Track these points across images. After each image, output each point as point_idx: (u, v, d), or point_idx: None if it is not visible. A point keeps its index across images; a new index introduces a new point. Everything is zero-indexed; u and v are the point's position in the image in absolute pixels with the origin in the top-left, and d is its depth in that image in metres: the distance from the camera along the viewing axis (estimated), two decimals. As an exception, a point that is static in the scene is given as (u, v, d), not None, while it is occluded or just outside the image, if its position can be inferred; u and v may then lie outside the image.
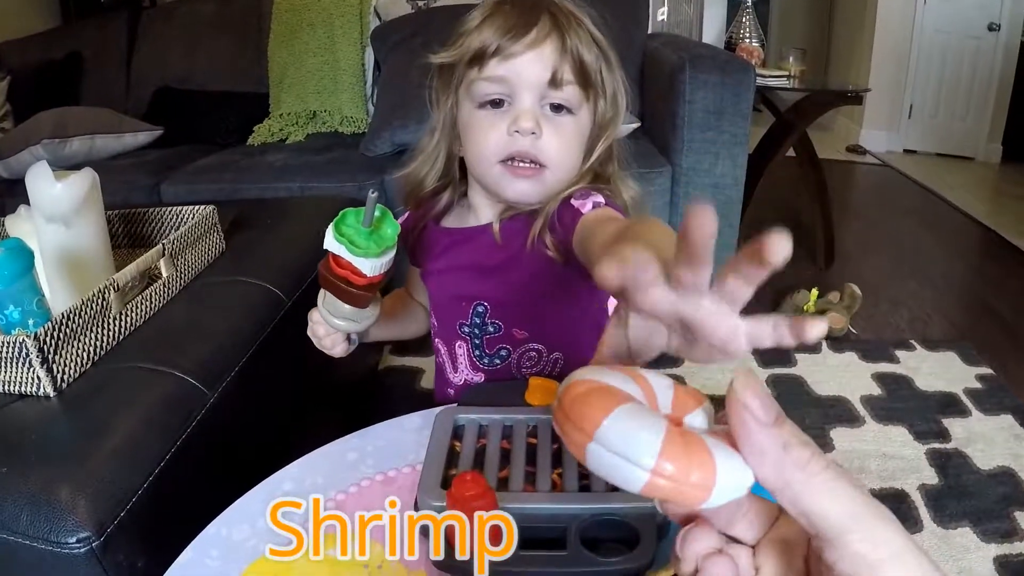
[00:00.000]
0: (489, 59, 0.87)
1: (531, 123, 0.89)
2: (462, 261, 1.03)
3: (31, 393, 1.12)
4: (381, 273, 0.80)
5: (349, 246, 0.75)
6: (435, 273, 1.07)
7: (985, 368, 2.32)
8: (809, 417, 2.05)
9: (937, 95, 5.30)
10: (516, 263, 0.98)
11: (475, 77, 0.90)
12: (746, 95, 2.10)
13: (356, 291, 0.80)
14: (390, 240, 0.78)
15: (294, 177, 2.39)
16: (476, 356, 1.06)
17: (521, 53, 0.86)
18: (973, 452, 1.91)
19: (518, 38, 0.85)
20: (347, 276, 0.79)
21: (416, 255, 1.11)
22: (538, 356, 1.05)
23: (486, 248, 1.00)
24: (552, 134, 0.91)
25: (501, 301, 1.02)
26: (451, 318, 1.06)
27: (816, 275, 3.08)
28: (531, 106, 0.89)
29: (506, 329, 1.03)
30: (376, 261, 0.77)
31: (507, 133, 0.90)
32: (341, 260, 0.78)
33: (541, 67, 0.87)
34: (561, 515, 0.71)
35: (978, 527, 1.66)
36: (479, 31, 0.88)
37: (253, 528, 0.79)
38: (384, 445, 0.92)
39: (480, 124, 0.92)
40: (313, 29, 2.88)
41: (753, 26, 3.47)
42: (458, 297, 1.04)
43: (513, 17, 0.86)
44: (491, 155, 0.92)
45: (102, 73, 3.29)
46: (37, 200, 1.30)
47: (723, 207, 2.22)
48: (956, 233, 3.80)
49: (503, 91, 0.90)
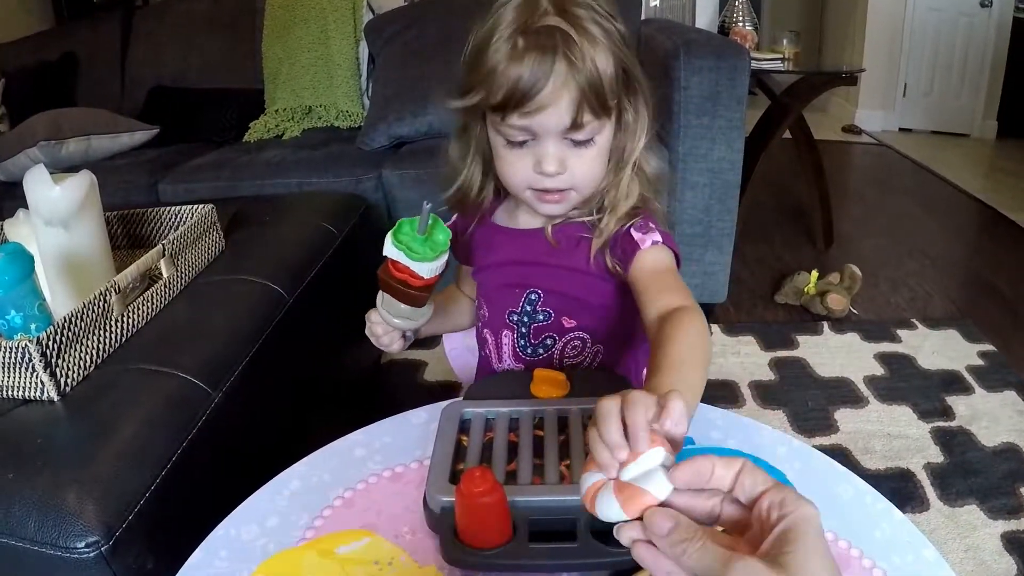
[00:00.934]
0: (510, 113, 0.88)
1: (554, 166, 0.92)
2: (517, 256, 1.06)
3: (35, 398, 1.12)
4: (436, 275, 0.87)
5: (408, 252, 0.84)
6: (490, 267, 1.10)
7: (987, 345, 2.32)
8: (812, 399, 2.05)
9: (931, 73, 5.29)
10: (570, 260, 1.02)
11: (499, 122, 0.92)
12: (741, 79, 2.09)
13: (414, 292, 0.88)
14: (443, 245, 0.86)
15: (291, 173, 2.38)
16: (520, 346, 1.09)
17: (539, 110, 0.87)
18: (977, 429, 1.91)
19: (534, 95, 0.85)
20: (405, 279, 0.86)
21: (466, 254, 1.15)
22: (582, 345, 1.08)
23: (541, 247, 1.04)
24: (576, 164, 0.93)
25: (554, 290, 1.05)
26: (501, 306, 1.09)
27: (816, 256, 3.08)
28: (554, 149, 0.91)
29: (556, 318, 1.06)
30: (432, 264, 0.85)
31: (533, 170, 0.93)
32: (399, 265, 0.86)
33: (559, 118, 0.88)
34: (570, 507, 0.71)
35: (984, 504, 1.66)
36: (496, 81, 0.87)
37: (262, 528, 0.79)
38: (391, 441, 0.93)
39: (508, 159, 0.95)
40: (306, 24, 2.87)
41: (746, 9, 3.45)
42: (511, 285, 1.07)
43: (528, 67, 0.85)
44: (521, 186, 0.96)
45: (96, 73, 3.27)
46: (36, 204, 1.29)
47: (721, 191, 2.22)
48: (953, 210, 3.79)
49: (526, 136, 0.92)
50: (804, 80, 3.01)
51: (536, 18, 0.86)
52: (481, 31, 0.91)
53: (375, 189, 2.32)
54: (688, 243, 2.28)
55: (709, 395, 2.13)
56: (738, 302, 2.65)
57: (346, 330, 1.82)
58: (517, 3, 0.88)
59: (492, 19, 0.89)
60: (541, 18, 0.86)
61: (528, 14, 0.86)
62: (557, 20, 0.85)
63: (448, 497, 0.72)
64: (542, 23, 0.85)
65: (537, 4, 0.87)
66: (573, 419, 0.85)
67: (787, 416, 1.98)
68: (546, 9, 0.86)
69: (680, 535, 0.51)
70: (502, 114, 0.89)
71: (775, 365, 2.24)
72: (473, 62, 0.91)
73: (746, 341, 2.37)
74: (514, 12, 0.87)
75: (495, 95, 0.87)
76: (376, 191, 2.33)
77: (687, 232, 2.27)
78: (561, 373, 0.91)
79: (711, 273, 2.33)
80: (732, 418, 0.94)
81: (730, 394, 2.09)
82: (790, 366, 2.24)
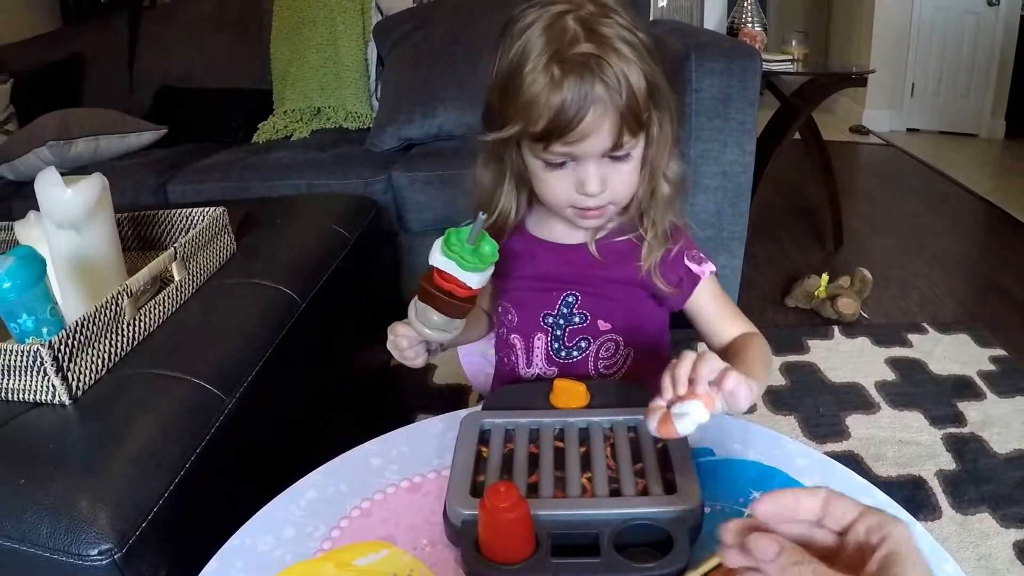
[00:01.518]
0: (552, 142, 0.88)
1: (597, 187, 0.92)
2: (561, 272, 1.07)
3: (46, 401, 1.12)
4: (482, 286, 0.88)
5: (460, 261, 0.84)
6: (530, 278, 1.09)
7: (998, 349, 2.30)
8: (823, 405, 2.04)
9: (939, 73, 5.28)
10: (616, 273, 1.04)
11: (538, 149, 0.91)
12: (753, 82, 2.08)
13: (459, 303, 0.88)
14: (492, 256, 0.87)
15: (300, 174, 2.37)
16: (553, 349, 1.09)
17: (582, 139, 0.87)
18: (990, 436, 1.90)
19: (576, 124, 0.85)
20: (452, 289, 0.86)
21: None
22: (615, 347, 1.08)
23: (586, 261, 1.04)
24: (615, 180, 0.93)
25: (592, 292, 1.06)
26: (536, 309, 1.09)
27: (825, 258, 3.07)
28: (595, 170, 0.91)
29: (592, 321, 1.07)
30: (482, 275, 0.86)
31: (575, 190, 0.93)
32: (446, 275, 0.86)
33: (601, 142, 0.88)
34: (593, 521, 0.71)
35: (996, 512, 1.64)
36: (536, 111, 0.86)
37: (277, 539, 0.79)
38: (408, 450, 0.92)
39: (549, 181, 0.95)
40: (315, 25, 2.86)
41: (755, 10, 3.45)
42: (548, 288, 1.07)
43: (568, 97, 0.84)
44: (562, 205, 0.97)
45: (104, 73, 3.27)
46: (47, 206, 1.29)
47: (732, 194, 2.20)
48: (962, 211, 3.78)
49: (567, 159, 0.92)
50: (814, 81, 3.00)
51: (568, 44, 0.85)
52: (508, 57, 0.90)
53: (384, 191, 2.32)
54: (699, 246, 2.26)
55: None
56: (749, 306, 2.63)
57: (357, 333, 1.83)
58: (543, 26, 0.87)
59: (518, 45, 0.88)
60: (573, 44, 0.85)
61: (559, 40, 0.85)
62: (590, 46, 0.85)
63: (470, 510, 0.71)
64: (577, 51, 0.84)
65: (565, 27, 0.86)
66: (594, 431, 0.85)
67: (798, 422, 1.97)
68: (576, 32, 0.86)
69: (789, 558, 0.51)
70: (544, 144, 0.89)
71: (786, 370, 2.23)
72: (507, 92, 0.90)
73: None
74: (544, 38, 0.87)
75: (534, 125, 0.87)
76: (385, 193, 2.32)
77: (698, 236, 2.23)
78: (581, 384, 0.90)
79: (722, 276, 2.30)
80: (751, 429, 0.93)
81: (741, 399, 2.08)
82: (801, 371, 2.23)
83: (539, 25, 0.87)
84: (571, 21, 0.86)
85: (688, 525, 0.71)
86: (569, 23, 0.86)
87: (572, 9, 0.88)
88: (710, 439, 0.90)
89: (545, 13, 0.88)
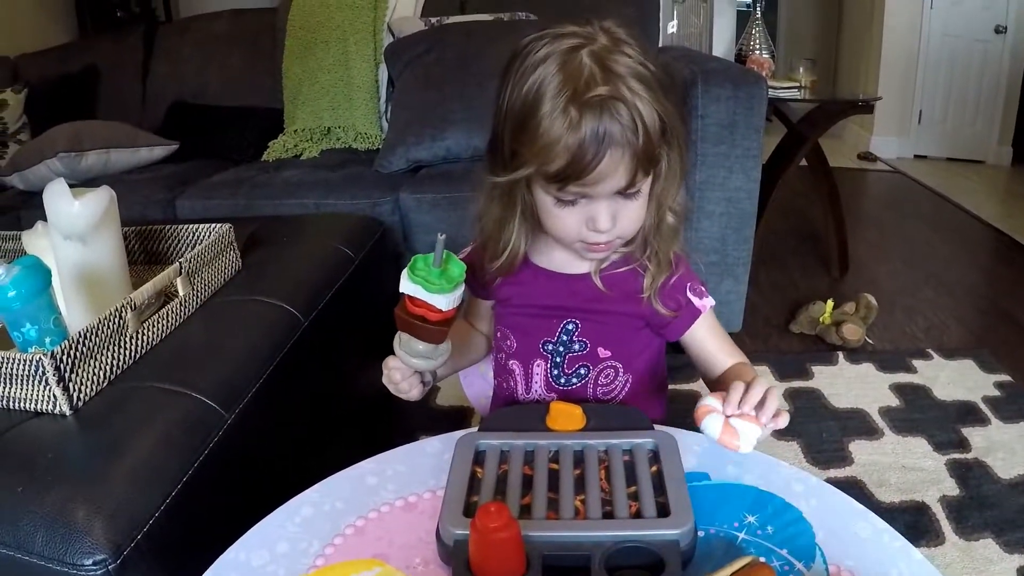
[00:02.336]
0: (566, 184, 0.88)
1: (608, 224, 0.92)
2: (564, 301, 1.06)
3: (47, 411, 1.12)
4: (455, 307, 0.87)
5: (425, 284, 0.84)
6: (531, 307, 1.09)
7: (1003, 375, 2.30)
8: (827, 430, 2.04)
9: (946, 99, 5.29)
10: (620, 306, 1.05)
11: (551, 188, 0.91)
12: (759, 108, 2.09)
13: (432, 327, 0.88)
14: (459, 277, 0.86)
15: (309, 193, 2.38)
16: (553, 376, 1.09)
17: (597, 182, 0.87)
18: (993, 461, 1.89)
19: (593, 168, 0.85)
20: (423, 314, 0.87)
21: (486, 288, 1.12)
22: (614, 374, 1.09)
23: (590, 292, 1.04)
24: (624, 216, 0.93)
25: (593, 321, 1.06)
26: (536, 335, 1.09)
27: (831, 284, 3.07)
28: (606, 207, 0.91)
29: (591, 348, 1.07)
30: (450, 296, 0.86)
31: (585, 227, 0.93)
32: (416, 300, 0.86)
33: (615, 183, 0.88)
34: (585, 542, 0.71)
35: (1000, 538, 1.63)
36: (552, 154, 0.85)
37: (272, 553, 0.79)
38: (404, 470, 0.92)
39: (559, 216, 0.94)
40: (327, 46, 2.89)
41: (763, 37, 3.46)
42: (548, 315, 1.07)
43: (585, 142, 0.83)
44: (572, 240, 0.96)
45: (118, 87, 3.30)
46: (55, 218, 1.30)
47: (737, 220, 2.21)
48: (969, 237, 3.78)
49: (579, 197, 0.91)
50: (821, 108, 3.00)
51: (585, 84, 0.84)
52: (521, 93, 0.88)
53: (392, 212, 2.32)
54: (703, 272, 2.27)
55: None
56: (753, 331, 2.63)
57: (360, 354, 1.83)
58: (558, 63, 0.86)
59: (532, 81, 0.87)
60: (590, 85, 0.83)
61: (576, 80, 0.84)
62: (606, 89, 0.83)
63: (462, 530, 0.72)
64: (594, 93, 0.83)
65: (581, 65, 0.85)
66: (589, 453, 0.85)
67: (801, 447, 1.96)
68: (592, 72, 0.84)
69: None
70: (558, 185, 0.88)
71: (790, 395, 2.22)
72: (521, 132, 0.88)
73: (761, 371, 2.35)
74: (559, 77, 0.85)
75: (549, 166, 0.86)
76: (393, 214, 2.33)
77: (703, 261, 2.26)
78: (578, 407, 0.91)
79: (727, 302, 2.32)
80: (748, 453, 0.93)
81: (743, 424, 2.07)
82: (805, 396, 2.22)
83: (554, 62, 0.86)
84: (586, 58, 0.85)
85: (681, 549, 0.71)
86: (584, 60, 0.85)
87: (585, 43, 0.86)
88: (706, 463, 0.90)
89: (559, 48, 0.86)
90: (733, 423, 0.81)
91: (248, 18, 3.30)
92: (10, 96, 3.04)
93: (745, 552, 0.75)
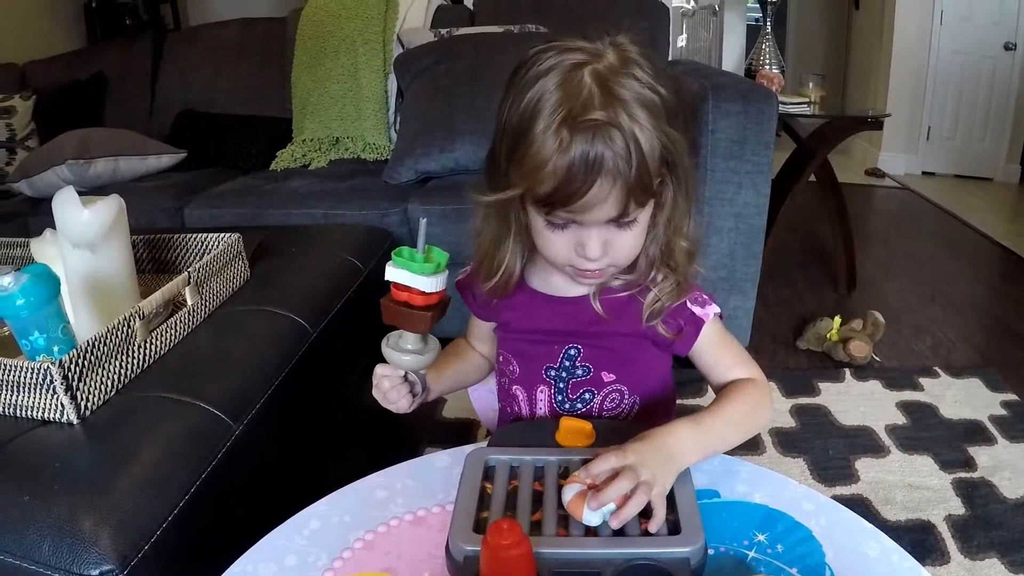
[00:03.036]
0: (555, 208, 0.85)
1: (598, 252, 0.89)
2: (562, 326, 1.04)
3: (54, 420, 1.12)
4: (439, 291, 0.86)
5: (410, 266, 0.84)
6: (529, 331, 1.07)
7: (1010, 394, 2.29)
8: (833, 448, 2.03)
9: (955, 116, 5.30)
10: (618, 327, 1.01)
11: (542, 212, 0.88)
12: (769, 124, 2.08)
13: (417, 312, 0.87)
14: (443, 260, 0.86)
15: (317, 204, 2.39)
16: (557, 401, 1.06)
17: (585, 210, 0.84)
18: (1000, 481, 1.88)
19: (582, 195, 0.82)
20: (409, 299, 0.86)
21: (488, 311, 1.11)
22: (620, 397, 1.06)
23: (588, 316, 1.01)
24: (617, 245, 0.90)
25: (594, 345, 1.03)
26: (538, 361, 1.06)
27: (838, 301, 3.06)
28: (597, 235, 0.88)
29: (595, 373, 1.04)
30: (433, 278, 0.85)
31: (576, 253, 0.90)
32: (401, 285, 0.86)
33: (606, 212, 0.84)
34: (595, 560, 0.71)
35: (1006, 558, 1.62)
36: (541, 176, 0.82)
37: (280, 566, 0.79)
38: (413, 484, 0.92)
39: (550, 238, 0.91)
40: (336, 56, 2.90)
41: (773, 52, 3.46)
42: (549, 341, 1.05)
43: (575, 167, 0.80)
44: (562, 263, 0.94)
45: (126, 94, 3.31)
46: (64, 226, 1.30)
47: (746, 235, 2.21)
48: (977, 255, 3.77)
49: (570, 223, 0.88)
50: (830, 124, 3.00)
51: (581, 106, 0.80)
52: (519, 108, 0.84)
53: (400, 223, 2.32)
54: (712, 287, 2.27)
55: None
56: (760, 347, 2.62)
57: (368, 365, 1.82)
58: (559, 79, 0.82)
59: (531, 96, 0.83)
60: (587, 107, 0.80)
61: (573, 100, 0.80)
62: (602, 114, 0.79)
63: (472, 546, 0.71)
64: (589, 116, 0.79)
65: (581, 84, 0.81)
66: (599, 470, 0.84)
67: (807, 464, 1.96)
68: (591, 92, 0.81)
69: None
70: (547, 209, 0.86)
71: (796, 412, 2.22)
72: (514, 151, 0.85)
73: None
74: (557, 96, 0.81)
75: (538, 189, 0.83)
76: (401, 225, 2.33)
77: (711, 276, 2.26)
78: (588, 423, 0.90)
79: (734, 318, 2.32)
80: (758, 471, 0.92)
81: (751, 441, 2.06)
82: (811, 413, 2.21)
83: (555, 77, 0.82)
84: (588, 77, 0.81)
85: (691, 567, 0.70)
86: (586, 79, 0.81)
87: (591, 60, 0.83)
88: (716, 481, 0.90)
89: (563, 62, 0.83)
90: (590, 499, 0.76)
91: (257, 27, 3.31)
92: (18, 103, 3.05)
93: (755, 571, 0.75)
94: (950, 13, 5.06)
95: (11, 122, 3.01)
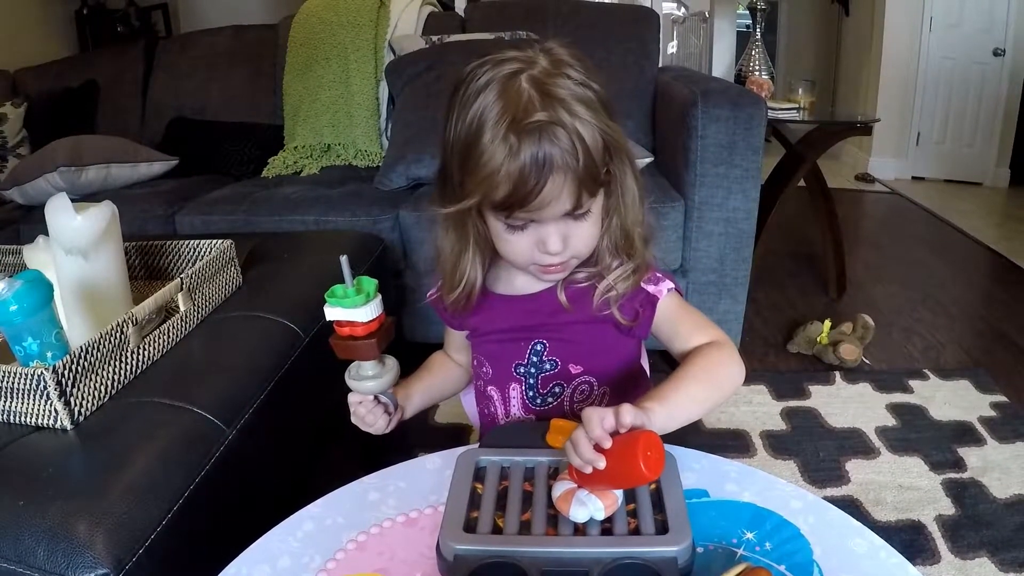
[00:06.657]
0: (512, 211, 0.88)
1: (558, 246, 0.92)
2: (524, 321, 1.06)
3: (48, 426, 1.13)
4: (376, 317, 0.89)
5: (341, 303, 0.87)
6: (494, 333, 1.09)
7: (999, 396, 2.30)
8: (824, 450, 2.04)
9: (944, 121, 5.33)
10: (576, 315, 1.03)
11: (500, 216, 0.91)
12: (758, 129, 2.10)
13: (363, 342, 0.89)
14: (372, 288, 0.89)
15: (309, 210, 2.39)
16: (529, 397, 1.09)
17: (541, 208, 0.87)
18: (989, 481, 1.89)
19: (536, 195, 0.85)
20: (352, 332, 0.89)
21: (459, 320, 1.13)
22: (590, 389, 1.08)
23: (548, 308, 1.04)
24: (576, 236, 0.94)
25: (559, 339, 1.06)
26: (507, 360, 1.09)
27: (828, 304, 3.08)
28: (556, 229, 0.92)
29: (562, 365, 1.07)
30: (367, 307, 0.87)
31: (537, 249, 0.93)
32: (341, 322, 0.88)
33: (561, 206, 0.88)
34: (584, 559, 0.71)
35: (996, 557, 1.64)
36: (494, 182, 0.85)
37: (273, 568, 0.79)
38: (405, 486, 0.93)
39: (510, 241, 0.94)
40: (328, 63, 2.90)
41: (762, 58, 3.48)
42: (516, 339, 1.07)
43: (526, 169, 0.83)
44: (525, 263, 0.97)
45: (118, 102, 3.31)
46: (57, 232, 1.31)
47: (735, 241, 2.22)
48: (967, 259, 3.79)
49: (528, 222, 0.92)
50: (819, 129, 3.02)
51: (523, 111, 0.84)
52: (464, 123, 0.88)
53: (392, 229, 2.33)
54: (702, 292, 2.28)
55: (720, 444, 2.08)
56: (750, 351, 2.64)
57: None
58: (498, 90, 0.86)
59: (474, 110, 0.86)
60: (529, 111, 0.84)
61: (514, 107, 0.84)
62: (544, 115, 0.83)
63: (462, 545, 0.72)
64: (532, 119, 0.83)
65: (520, 91, 0.85)
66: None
67: (798, 466, 1.97)
68: (530, 97, 0.85)
69: None
70: (505, 213, 0.89)
71: (787, 415, 2.23)
72: (465, 163, 0.88)
73: (758, 390, 2.36)
74: (499, 105, 0.85)
75: (494, 195, 0.87)
76: (392, 231, 2.33)
77: (701, 280, 2.27)
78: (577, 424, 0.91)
79: (724, 322, 2.33)
80: (746, 471, 0.93)
81: (741, 443, 2.08)
82: (802, 416, 2.23)
83: (493, 89, 0.86)
84: (525, 83, 0.85)
85: (679, 565, 0.71)
86: (523, 86, 0.85)
87: (526, 67, 0.87)
88: (704, 480, 0.91)
89: (499, 73, 0.87)
90: (579, 494, 0.77)
91: (249, 34, 3.31)
92: (10, 110, 3.06)
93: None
94: (939, 20, 5.10)
95: (2, 129, 3.01)
